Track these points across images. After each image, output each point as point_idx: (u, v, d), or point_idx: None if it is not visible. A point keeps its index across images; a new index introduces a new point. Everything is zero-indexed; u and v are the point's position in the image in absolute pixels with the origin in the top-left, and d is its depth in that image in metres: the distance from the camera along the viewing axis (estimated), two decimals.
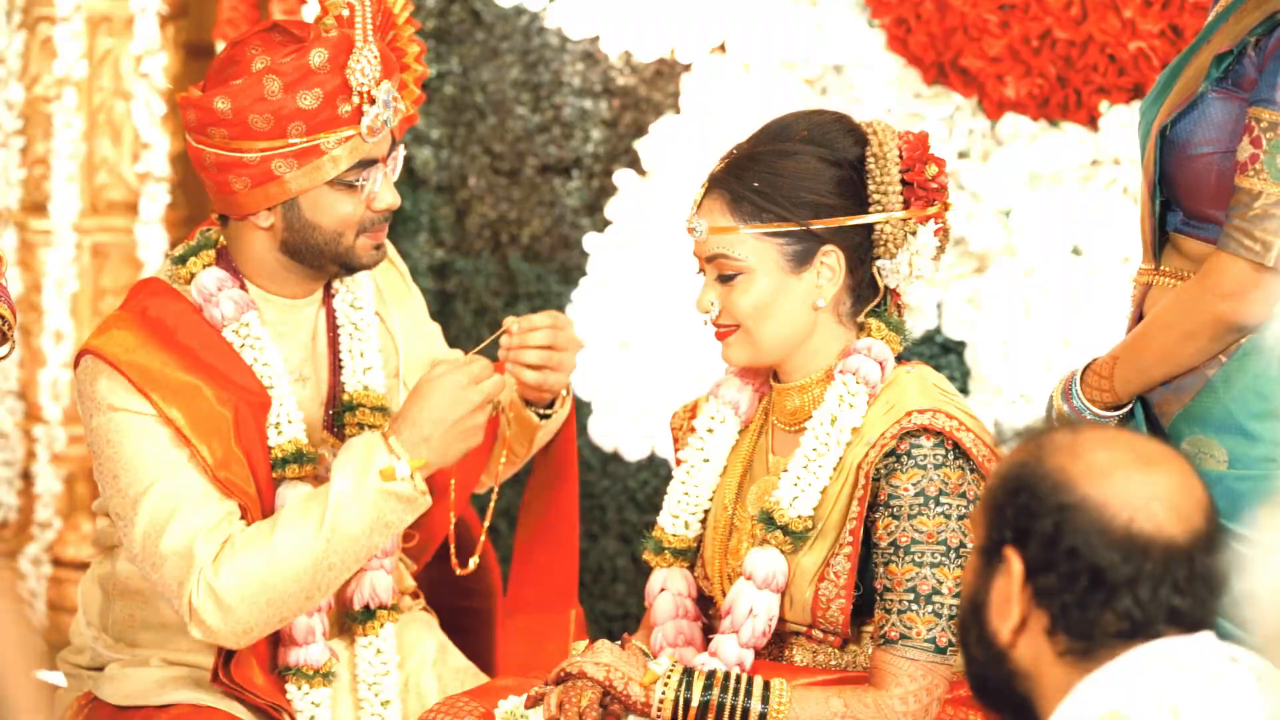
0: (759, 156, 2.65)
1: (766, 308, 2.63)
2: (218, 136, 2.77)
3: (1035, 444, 1.85)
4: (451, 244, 4.71)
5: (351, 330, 2.96)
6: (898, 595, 2.53)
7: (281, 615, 2.75)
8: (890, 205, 2.62)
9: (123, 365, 2.77)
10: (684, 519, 2.78)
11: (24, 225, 5.14)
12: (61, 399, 5.11)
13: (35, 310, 5.12)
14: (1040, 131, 4.00)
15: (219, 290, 2.86)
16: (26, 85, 5.11)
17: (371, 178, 2.81)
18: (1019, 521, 1.81)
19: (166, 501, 2.74)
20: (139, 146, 5.14)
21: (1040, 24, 3.93)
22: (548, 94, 4.59)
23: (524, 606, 3.09)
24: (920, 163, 2.63)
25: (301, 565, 2.72)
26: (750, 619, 2.59)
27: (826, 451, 2.60)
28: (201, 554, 2.72)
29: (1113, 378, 2.71)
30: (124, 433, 2.76)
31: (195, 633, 2.74)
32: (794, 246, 2.63)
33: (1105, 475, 1.79)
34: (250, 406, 2.82)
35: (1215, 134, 2.63)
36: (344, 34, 2.76)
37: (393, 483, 2.72)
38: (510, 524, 4.70)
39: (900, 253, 2.63)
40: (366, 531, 2.73)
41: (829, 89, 4.21)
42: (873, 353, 2.63)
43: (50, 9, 5.07)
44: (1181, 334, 2.63)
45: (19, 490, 5.20)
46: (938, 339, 4.16)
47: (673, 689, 2.53)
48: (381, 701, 2.96)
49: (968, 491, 2.54)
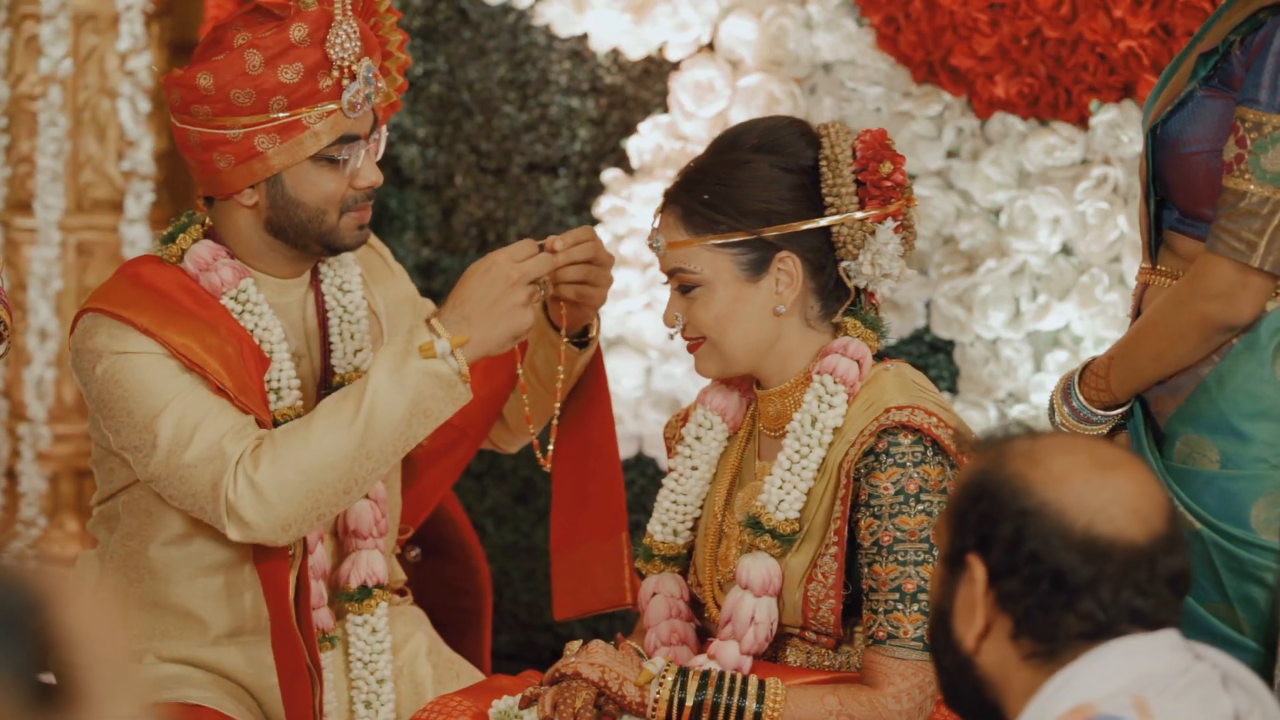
0: (710, 169, 2.67)
1: (727, 318, 2.64)
2: (201, 114, 2.78)
3: (995, 451, 1.85)
4: (438, 242, 4.70)
5: (341, 313, 2.98)
6: (883, 595, 2.53)
7: (319, 511, 2.74)
8: (845, 207, 2.62)
9: (126, 314, 2.78)
10: (673, 526, 2.78)
11: (8, 223, 5.13)
12: (46, 398, 5.10)
13: (20, 309, 5.11)
14: (1030, 131, 4.00)
15: (214, 259, 2.87)
16: (11, 83, 5.10)
17: (354, 154, 2.83)
18: (980, 528, 1.82)
19: (188, 416, 2.74)
20: (124, 145, 5.14)
21: (1030, 23, 3.93)
22: (535, 92, 4.58)
23: (573, 541, 3.05)
24: (874, 161, 2.63)
25: (340, 453, 2.71)
26: (752, 626, 2.59)
27: (809, 453, 2.60)
28: (232, 451, 2.72)
29: (1109, 377, 2.72)
30: (132, 370, 2.76)
31: (232, 532, 2.73)
32: (748, 255, 2.63)
33: (1064, 480, 1.80)
34: (252, 360, 2.83)
35: (1204, 132, 2.63)
36: (323, 9, 2.79)
37: (433, 361, 2.70)
38: (496, 523, 4.71)
39: (862, 253, 2.63)
40: (405, 418, 2.71)
41: (818, 88, 4.21)
42: (849, 351, 2.63)
43: (35, 7, 5.06)
44: (1173, 334, 2.64)
45: (3, 489, 5.19)
46: (926, 338, 4.16)
47: (668, 689, 2.53)
48: (377, 680, 2.96)
49: (948, 488, 2.53)
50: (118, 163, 5.16)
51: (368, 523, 2.96)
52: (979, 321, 4.04)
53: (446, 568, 3.35)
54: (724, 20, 4.29)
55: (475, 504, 4.70)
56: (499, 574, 4.67)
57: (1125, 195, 3.90)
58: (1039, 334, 4.03)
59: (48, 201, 5.08)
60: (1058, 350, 4.00)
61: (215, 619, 2.91)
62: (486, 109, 4.62)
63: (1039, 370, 4.03)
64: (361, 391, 2.72)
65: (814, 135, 2.66)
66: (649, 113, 4.42)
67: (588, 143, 4.54)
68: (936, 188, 4.08)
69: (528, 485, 4.69)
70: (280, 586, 2.81)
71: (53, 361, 5.10)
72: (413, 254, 4.68)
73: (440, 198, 4.69)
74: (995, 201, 4.04)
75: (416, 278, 4.62)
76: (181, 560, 2.89)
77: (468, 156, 4.66)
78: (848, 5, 4.15)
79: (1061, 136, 3.96)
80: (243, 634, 2.92)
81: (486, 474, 4.71)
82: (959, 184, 4.07)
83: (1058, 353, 4.00)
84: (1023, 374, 4.03)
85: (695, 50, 4.34)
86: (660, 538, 2.79)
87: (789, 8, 4.20)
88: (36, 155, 5.09)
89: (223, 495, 2.71)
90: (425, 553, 3.29)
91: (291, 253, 2.90)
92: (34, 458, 5.13)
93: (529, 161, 4.61)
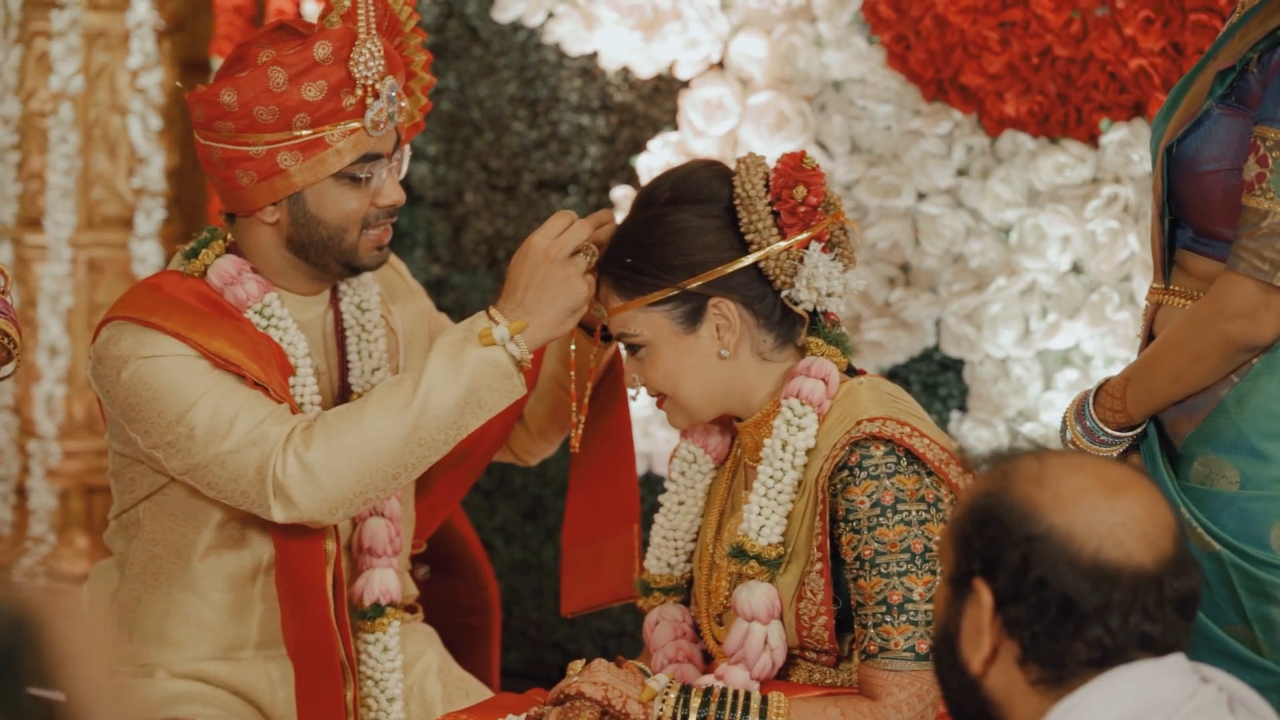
0: (630, 230, 2.70)
1: (677, 373, 2.67)
2: (224, 131, 2.79)
3: (1001, 473, 1.84)
4: (448, 259, 4.70)
5: (359, 332, 2.99)
6: (871, 609, 2.53)
7: (367, 495, 2.75)
8: (765, 241, 2.63)
9: (154, 319, 2.79)
10: (666, 560, 2.81)
11: (19, 240, 5.14)
12: (56, 414, 5.11)
13: (30, 325, 5.12)
14: (1040, 149, 3.99)
15: (239, 273, 2.88)
16: (23, 100, 5.12)
17: (376, 173, 2.83)
18: (987, 552, 1.81)
19: (223, 406, 2.74)
20: (134, 161, 5.15)
21: (1040, 41, 3.92)
22: (545, 110, 4.58)
23: (586, 535, 3.06)
24: (787, 188, 2.64)
25: (392, 438, 2.72)
26: (767, 651, 2.60)
27: (782, 477, 2.61)
28: (275, 433, 2.72)
29: (1125, 398, 2.70)
30: (161, 371, 2.76)
31: (277, 512, 2.73)
32: (680, 309, 2.66)
33: (1071, 503, 1.79)
34: (280, 368, 2.84)
35: (1220, 151, 2.61)
36: (348, 28, 2.79)
37: (491, 349, 2.71)
38: (506, 540, 4.70)
39: (797, 280, 2.64)
40: (459, 406, 2.73)
41: (828, 105, 4.20)
42: (812, 371, 2.64)
43: (46, 24, 5.08)
44: (1192, 354, 2.62)
45: (13, 505, 5.19)
46: (936, 357, 4.15)
47: (670, 706, 2.53)
48: (387, 698, 2.97)
49: (926, 495, 2.53)
50: (128, 179, 5.17)
51: (382, 541, 2.96)
52: (989, 340, 4.03)
53: (455, 585, 3.35)
54: (734, 38, 4.29)
55: (485, 521, 4.69)
56: (508, 591, 4.66)
57: (1135, 214, 3.89)
58: (1049, 352, 4.02)
59: (58, 218, 5.09)
60: (1067, 369, 3.99)
61: (230, 629, 2.91)
62: (497, 126, 4.63)
63: (1049, 389, 4.01)
64: (418, 378, 2.73)
65: (729, 174, 2.68)
66: (659, 130, 4.42)
67: (598, 160, 4.54)
68: (946, 206, 4.07)
69: (537, 503, 4.68)
70: (317, 581, 2.81)
71: (63, 378, 5.11)
72: (423, 271, 4.68)
73: (450, 215, 4.70)
74: (1005, 220, 4.03)
75: (427, 295, 4.62)
76: (202, 570, 2.89)
77: (478, 174, 4.66)
78: (858, 23, 4.14)
79: (1072, 155, 3.95)
80: (253, 648, 2.92)
81: (496, 491, 4.71)
82: (969, 202, 4.06)
83: (1067, 371, 3.99)
84: (1032, 392, 4.02)
85: (705, 68, 4.34)
86: (656, 571, 2.81)
87: (799, 25, 4.19)
88: (47, 172, 5.10)
89: (269, 476, 2.71)
90: (434, 570, 3.30)
91: (312, 271, 2.91)
92: (44, 474, 5.13)
93: (539, 179, 4.61)
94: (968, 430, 4.07)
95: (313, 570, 2.81)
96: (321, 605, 2.80)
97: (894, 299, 4.12)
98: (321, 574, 2.81)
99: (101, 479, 5.19)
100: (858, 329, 4.16)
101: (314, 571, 2.81)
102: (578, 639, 4.64)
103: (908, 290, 4.11)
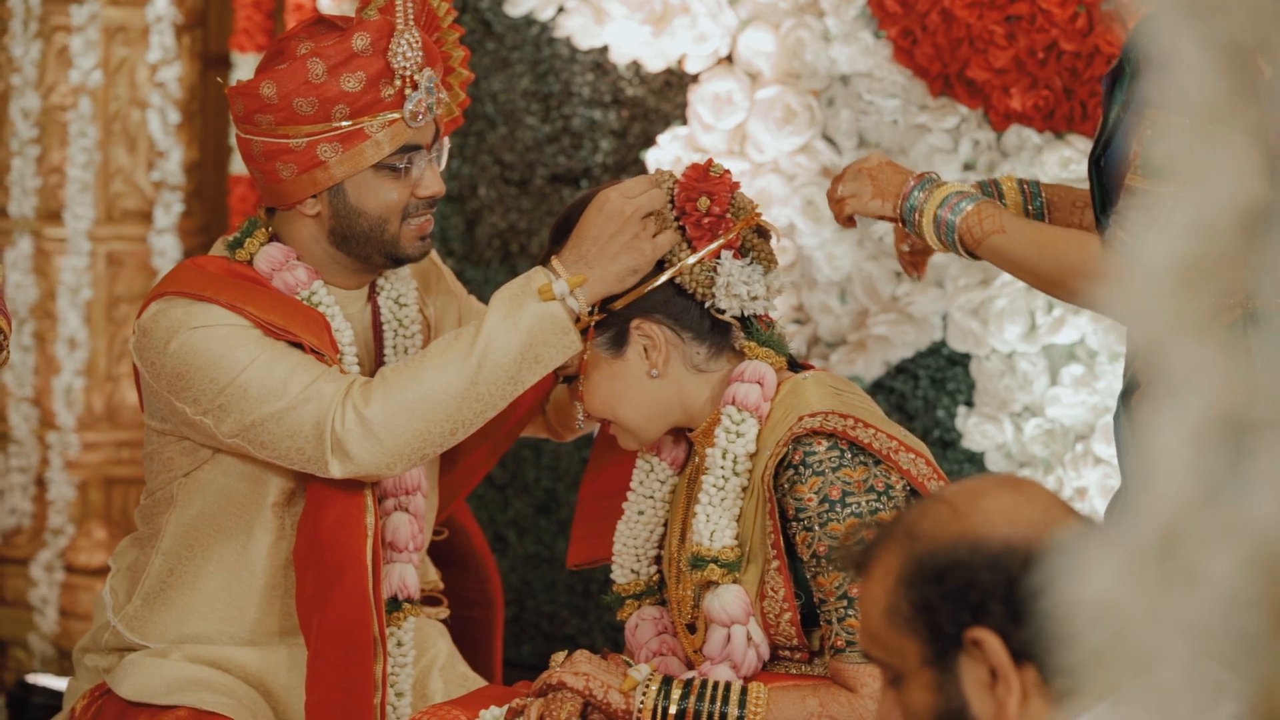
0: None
1: (612, 397, 2.69)
2: (264, 123, 2.81)
3: (908, 538, 1.75)
4: (461, 253, 4.72)
5: (396, 326, 3.01)
6: (833, 604, 2.54)
7: (424, 450, 2.75)
8: (676, 256, 2.66)
9: (206, 293, 2.80)
10: (629, 566, 2.82)
11: (39, 233, 5.16)
12: (75, 406, 5.14)
13: (50, 318, 5.15)
14: (1046, 143, 3.98)
15: (287, 259, 2.90)
16: (42, 94, 5.14)
17: (416, 163, 2.85)
18: (964, 598, 1.71)
19: (276, 367, 2.76)
20: (154, 155, 5.17)
21: (1046, 36, 3.92)
22: (557, 104, 4.59)
23: (601, 489, 3.04)
24: (690, 200, 2.64)
25: (450, 393, 2.72)
26: (751, 648, 2.61)
27: (725, 484, 2.62)
28: (331, 390, 2.73)
29: (1004, 230, 2.68)
30: (212, 340, 2.77)
31: (335, 468, 2.74)
32: (604, 335, 2.69)
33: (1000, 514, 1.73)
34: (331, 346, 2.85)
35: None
36: (385, 19, 2.81)
37: (550, 303, 2.70)
38: (519, 534, 4.71)
39: (716, 290, 2.65)
40: (517, 361, 2.71)
41: (835, 100, 4.20)
42: (746, 375, 2.65)
43: (66, 18, 5.10)
44: (1049, 270, 2.63)
45: (33, 496, 5.22)
46: (943, 351, 4.15)
47: (651, 697, 2.54)
48: (396, 693, 2.98)
49: (875, 484, 2.53)
50: (147, 173, 5.19)
51: (405, 537, 2.97)
52: (994, 335, 4.03)
53: (458, 578, 3.37)
54: (742, 33, 4.29)
55: (498, 515, 4.71)
56: (521, 584, 4.67)
57: None
58: (1054, 347, 4.01)
59: (78, 211, 5.12)
60: (1073, 364, 3.99)
61: (261, 613, 2.92)
62: (509, 120, 4.64)
63: (1054, 384, 4.01)
64: (476, 332, 2.73)
65: None
66: (669, 125, 4.43)
67: (609, 154, 4.55)
68: None
69: (550, 496, 4.69)
70: (358, 553, 2.81)
71: (82, 370, 5.14)
72: None
73: (464, 209, 4.71)
74: None
75: None
76: (242, 551, 2.91)
77: (491, 168, 4.68)
78: (865, 18, 4.14)
79: (1077, 149, 3.94)
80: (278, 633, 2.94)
81: (509, 485, 4.72)
82: None
83: (1073, 366, 3.98)
84: (1038, 387, 4.01)
85: (714, 62, 4.35)
86: (622, 580, 2.83)
87: (807, 20, 4.20)
88: (67, 166, 5.12)
89: (328, 431, 2.72)
90: (437, 563, 3.31)
91: (354, 264, 2.93)
92: (63, 466, 5.16)
93: (552, 173, 4.62)
94: (974, 426, 4.07)
95: (354, 541, 2.82)
96: (361, 578, 2.81)
97: (900, 293, 4.12)
98: (361, 547, 2.82)
99: (121, 470, 5.22)
100: (864, 324, 4.16)
101: (355, 543, 2.82)
102: (590, 632, 4.65)
103: (914, 284, 4.11)
